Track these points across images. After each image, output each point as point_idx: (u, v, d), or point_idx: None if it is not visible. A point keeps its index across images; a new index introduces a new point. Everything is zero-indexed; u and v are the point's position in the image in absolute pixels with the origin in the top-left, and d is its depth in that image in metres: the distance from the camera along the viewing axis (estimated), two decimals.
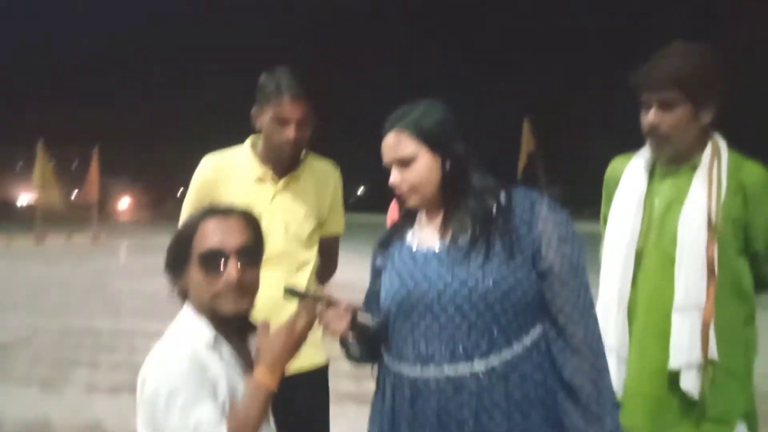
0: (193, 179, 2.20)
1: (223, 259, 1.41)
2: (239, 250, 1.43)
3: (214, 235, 1.43)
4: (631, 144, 1.97)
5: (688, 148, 1.78)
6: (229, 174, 2.16)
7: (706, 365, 1.68)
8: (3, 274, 12.75)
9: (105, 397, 4.70)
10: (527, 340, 1.37)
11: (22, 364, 5.75)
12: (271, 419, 1.55)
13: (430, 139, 1.42)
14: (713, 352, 1.68)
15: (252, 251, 1.47)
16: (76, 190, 28.04)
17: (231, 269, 1.40)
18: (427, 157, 1.42)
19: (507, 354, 1.35)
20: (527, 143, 18.43)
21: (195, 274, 1.43)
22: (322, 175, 2.28)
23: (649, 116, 1.77)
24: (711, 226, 1.70)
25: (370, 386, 1.71)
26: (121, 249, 18.87)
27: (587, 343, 1.36)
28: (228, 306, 1.42)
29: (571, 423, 1.35)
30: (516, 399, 1.34)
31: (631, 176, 1.89)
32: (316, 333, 2.14)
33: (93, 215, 23.71)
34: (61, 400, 4.71)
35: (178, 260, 1.46)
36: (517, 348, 1.36)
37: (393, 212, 2.59)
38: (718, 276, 1.70)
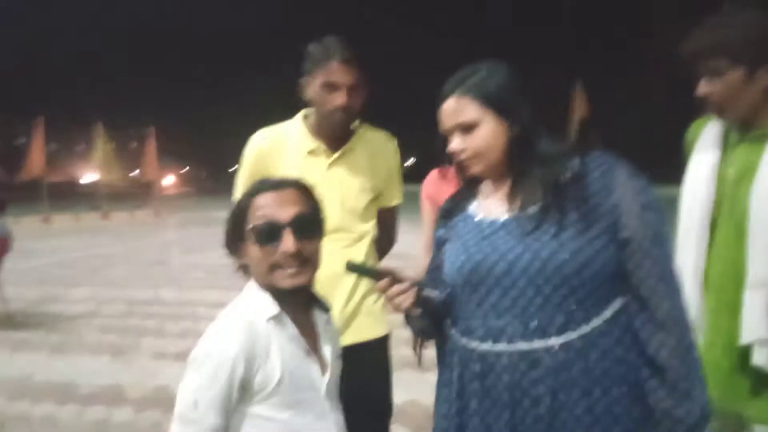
0: (245, 154, 2.17)
1: (277, 231, 1.38)
2: (294, 220, 1.39)
3: (267, 207, 1.40)
4: (692, 109, 1.84)
5: (752, 114, 1.67)
6: (281, 148, 2.12)
7: None
8: (73, 249, 13.35)
9: (172, 363, 4.85)
10: (607, 313, 1.29)
11: (93, 333, 6.01)
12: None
13: (495, 103, 1.34)
14: None
15: (308, 222, 1.43)
16: (137, 170, 28.89)
17: (286, 241, 1.37)
18: (491, 122, 1.34)
19: (585, 328, 1.27)
20: (579, 109, 17.81)
21: (251, 249, 1.41)
22: (377, 145, 2.22)
23: (700, 87, 1.69)
24: None
25: (430, 353, 1.68)
26: (181, 223, 19.40)
27: (672, 317, 1.26)
28: (285, 280, 1.39)
29: (657, 401, 1.26)
30: (596, 375, 1.26)
31: (704, 144, 1.80)
32: (376, 305, 2.15)
33: (153, 192, 24.48)
34: (130, 367, 4.91)
35: (235, 237, 1.44)
36: (596, 322, 1.28)
37: (429, 185, 2.45)
38: None
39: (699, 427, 1.25)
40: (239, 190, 2.11)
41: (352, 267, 1.42)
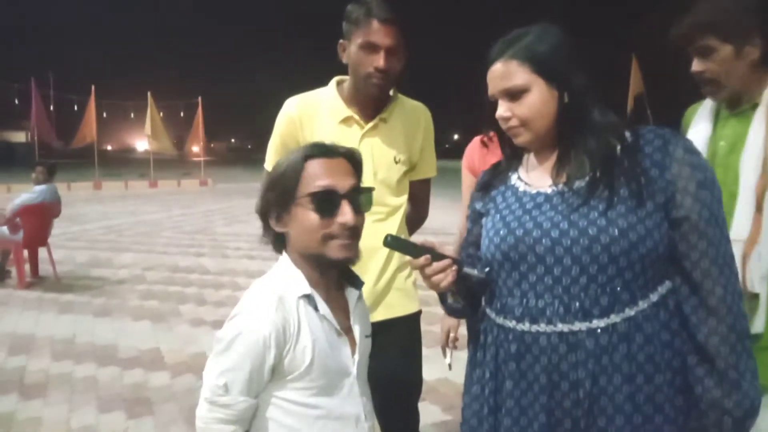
0: (277, 121, 2.09)
1: (337, 201, 1.34)
2: (351, 191, 1.36)
3: (325, 174, 1.34)
4: None
5: (744, 88, 1.74)
6: (313, 115, 2.04)
7: (750, 297, 1.62)
8: (121, 215, 13.73)
9: (209, 331, 4.94)
10: (654, 296, 1.20)
11: (136, 298, 6.16)
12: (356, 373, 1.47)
13: (546, 68, 1.23)
14: (752, 284, 1.63)
15: (362, 194, 1.39)
16: (185, 140, 29.45)
17: (345, 211, 1.33)
18: (541, 88, 1.24)
19: (630, 311, 1.18)
20: (635, 84, 17.25)
21: (303, 216, 1.34)
22: (412, 116, 2.12)
23: (693, 65, 1.78)
24: (764, 163, 1.67)
25: (464, 330, 1.61)
26: (225, 193, 19.72)
27: (726, 303, 1.17)
28: (339, 252, 1.34)
29: (704, 390, 1.18)
30: (639, 361, 1.18)
31: (698, 121, 1.90)
32: (408, 281, 2.08)
33: (200, 161, 24.92)
34: (170, 332, 5.00)
35: (280, 202, 1.37)
36: (642, 305, 1.19)
37: (471, 155, 2.33)
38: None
39: (748, 420, 1.17)
40: (270, 158, 2.06)
41: (391, 241, 1.31)
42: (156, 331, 5.05)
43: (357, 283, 1.49)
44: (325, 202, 1.33)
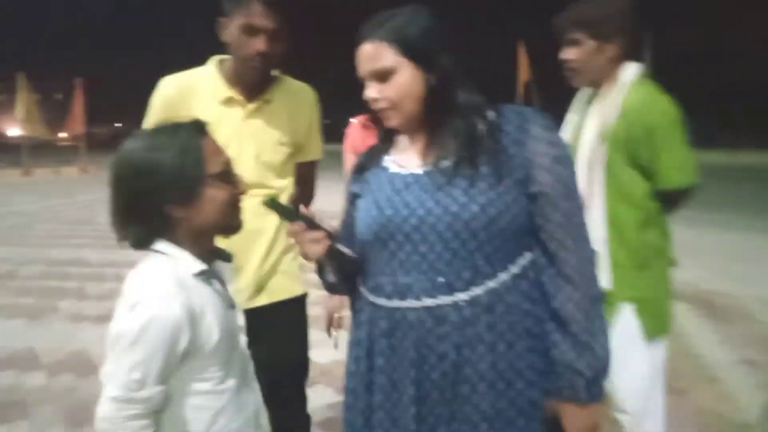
0: (153, 101, 2.00)
1: (233, 173, 1.40)
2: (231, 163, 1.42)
3: (219, 149, 1.38)
4: None
5: (599, 78, 2.07)
6: (191, 95, 1.96)
7: None
8: None
9: (91, 326, 4.67)
10: (514, 268, 1.27)
11: (10, 295, 5.70)
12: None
13: (413, 50, 1.26)
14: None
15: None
16: (63, 125, 27.47)
17: (240, 180, 1.41)
18: (408, 70, 1.27)
19: (492, 283, 1.24)
20: (523, 71, 17.84)
21: (216, 194, 1.33)
22: (297, 98, 2.09)
23: (563, 52, 2.10)
24: (595, 142, 2.02)
25: None
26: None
27: (579, 271, 1.25)
28: (239, 219, 1.42)
29: (559, 354, 1.26)
30: (501, 330, 1.24)
31: (572, 108, 2.23)
32: (294, 263, 2.07)
33: (80, 148, 23.40)
34: (47, 330, 4.68)
35: (186, 187, 1.30)
36: (503, 277, 1.25)
37: (352, 136, 2.35)
38: (606, 185, 1.99)
39: (599, 379, 1.25)
40: None
41: (270, 203, 1.33)
42: (31, 330, 4.70)
43: (226, 255, 1.49)
44: (231, 175, 1.38)
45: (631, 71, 2.04)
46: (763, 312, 4.76)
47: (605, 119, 2.01)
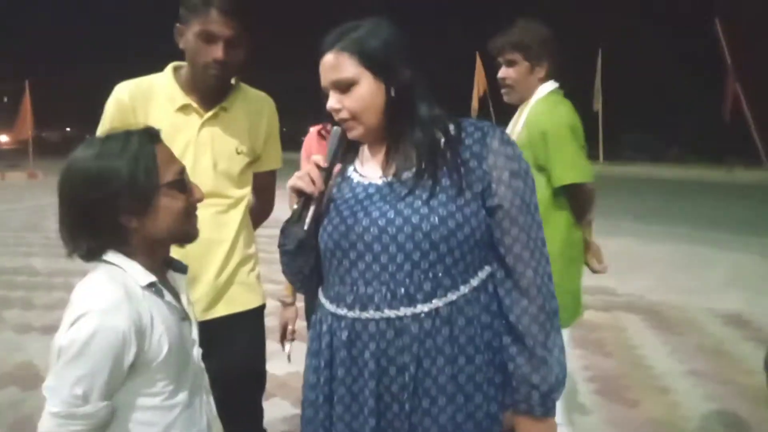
0: (107, 108, 1.95)
1: (187, 181, 1.37)
2: (186, 171, 1.39)
3: (173, 157, 1.36)
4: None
5: (528, 96, 2.40)
6: (146, 102, 1.92)
7: None
8: None
9: (38, 337, 4.52)
10: (474, 281, 1.28)
11: None
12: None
13: (374, 62, 1.27)
14: None
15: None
16: (13, 128, 26.53)
17: (194, 187, 1.38)
18: (369, 81, 1.28)
19: (452, 296, 1.25)
20: (480, 83, 18.03)
21: (170, 203, 1.30)
22: (255, 106, 2.07)
23: (500, 72, 2.43)
24: None
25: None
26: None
27: (536, 285, 1.27)
28: (196, 228, 1.39)
29: (515, 367, 1.26)
30: (461, 343, 1.25)
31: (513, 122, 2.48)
32: (251, 275, 2.04)
33: (28, 152, 22.64)
34: None
35: (139, 196, 1.26)
36: (463, 290, 1.26)
37: (309, 145, 2.35)
38: None
39: (553, 393, 1.26)
40: None
41: None
42: None
43: (181, 266, 1.46)
44: (185, 183, 1.35)
45: (545, 88, 2.39)
46: (711, 323, 4.91)
47: (515, 129, 2.39)
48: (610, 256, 2.62)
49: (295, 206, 1.34)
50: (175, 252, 1.45)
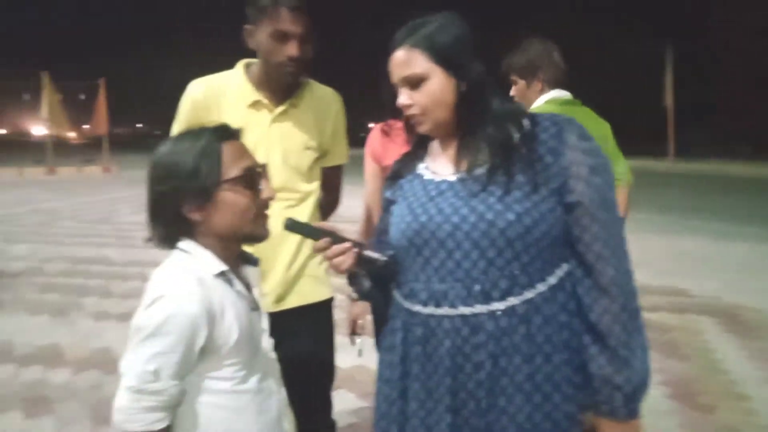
0: (181, 105, 2.02)
1: (259, 178, 1.38)
2: (262, 168, 1.41)
3: (241, 155, 1.37)
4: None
5: (528, 108, 2.47)
6: (220, 98, 1.98)
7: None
8: (16, 203, 12.85)
9: (115, 324, 4.72)
10: (552, 279, 1.25)
11: (34, 292, 5.80)
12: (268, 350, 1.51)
13: (445, 57, 1.26)
14: None
15: (263, 171, 1.43)
16: (87, 126, 27.82)
17: (266, 186, 1.39)
18: (440, 77, 1.27)
19: (529, 294, 1.23)
20: None
21: (233, 199, 1.33)
22: (323, 102, 2.10)
23: (511, 90, 2.63)
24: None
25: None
26: (132, 180, 18.86)
27: (617, 283, 1.23)
28: (264, 228, 1.40)
29: (596, 368, 1.23)
30: (538, 342, 1.23)
31: None
32: (320, 267, 2.07)
33: (103, 147, 23.69)
34: (71, 327, 4.74)
35: (200, 189, 1.32)
36: (540, 288, 1.24)
37: (372, 142, 2.36)
38: None
39: (637, 395, 1.23)
40: None
41: (291, 225, 1.33)
42: (56, 326, 4.78)
43: (252, 260, 1.51)
44: (252, 181, 1.36)
45: (542, 99, 2.60)
46: None
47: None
48: (682, 255, 2.54)
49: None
50: (247, 245, 1.48)
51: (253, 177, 1.37)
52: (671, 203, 11.56)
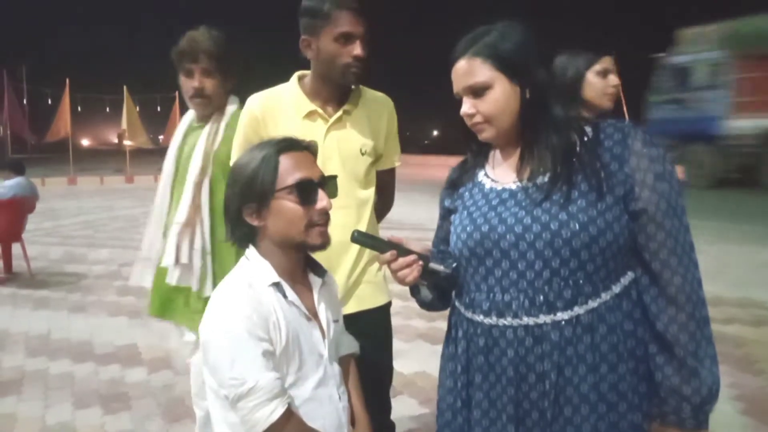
0: (240, 119, 2.11)
1: (315, 190, 1.42)
2: (322, 180, 1.45)
3: (299, 166, 1.42)
4: None
5: (216, 108, 2.42)
6: (276, 111, 2.05)
7: (182, 267, 2.32)
8: (97, 211, 13.55)
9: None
10: (616, 288, 1.23)
11: (112, 294, 6.11)
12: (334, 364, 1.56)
13: (508, 65, 1.26)
14: (184, 257, 2.28)
15: (330, 182, 1.49)
16: (162, 135, 29.09)
17: (323, 197, 1.43)
18: (504, 85, 1.27)
19: (593, 303, 1.21)
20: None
21: (285, 208, 1.40)
22: (375, 107, 2.14)
23: (189, 82, 2.40)
24: (202, 165, 2.32)
25: (442, 325, 1.64)
26: None
27: (685, 292, 1.20)
28: (318, 238, 1.44)
29: (663, 378, 1.21)
30: (602, 351, 1.21)
31: (177, 129, 2.57)
32: (379, 274, 2.11)
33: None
34: (146, 328, 4.96)
35: (257, 197, 1.41)
36: (605, 297, 1.22)
37: None
38: (210, 201, 2.30)
39: (706, 406, 1.19)
40: (236, 155, 2.07)
41: (357, 237, 1.35)
42: (132, 327, 5.02)
43: (319, 271, 1.56)
44: (305, 191, 1.41)
45: (233, 104, 2.48)
46: None
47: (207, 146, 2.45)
48: (760, 266, 2.40)
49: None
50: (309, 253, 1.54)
51: (306, 188, 1.41)
52: (746, 213, 10.99)
